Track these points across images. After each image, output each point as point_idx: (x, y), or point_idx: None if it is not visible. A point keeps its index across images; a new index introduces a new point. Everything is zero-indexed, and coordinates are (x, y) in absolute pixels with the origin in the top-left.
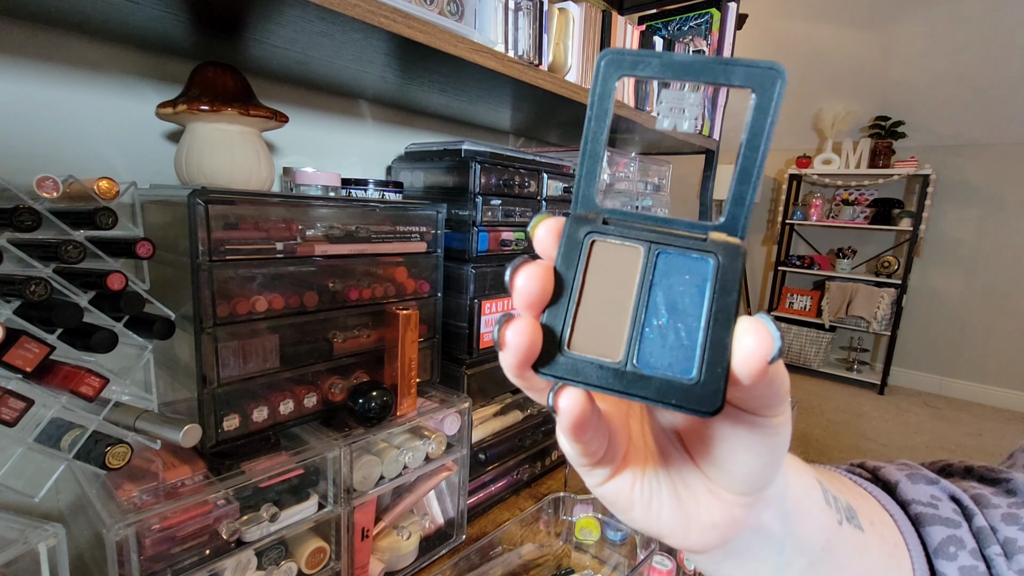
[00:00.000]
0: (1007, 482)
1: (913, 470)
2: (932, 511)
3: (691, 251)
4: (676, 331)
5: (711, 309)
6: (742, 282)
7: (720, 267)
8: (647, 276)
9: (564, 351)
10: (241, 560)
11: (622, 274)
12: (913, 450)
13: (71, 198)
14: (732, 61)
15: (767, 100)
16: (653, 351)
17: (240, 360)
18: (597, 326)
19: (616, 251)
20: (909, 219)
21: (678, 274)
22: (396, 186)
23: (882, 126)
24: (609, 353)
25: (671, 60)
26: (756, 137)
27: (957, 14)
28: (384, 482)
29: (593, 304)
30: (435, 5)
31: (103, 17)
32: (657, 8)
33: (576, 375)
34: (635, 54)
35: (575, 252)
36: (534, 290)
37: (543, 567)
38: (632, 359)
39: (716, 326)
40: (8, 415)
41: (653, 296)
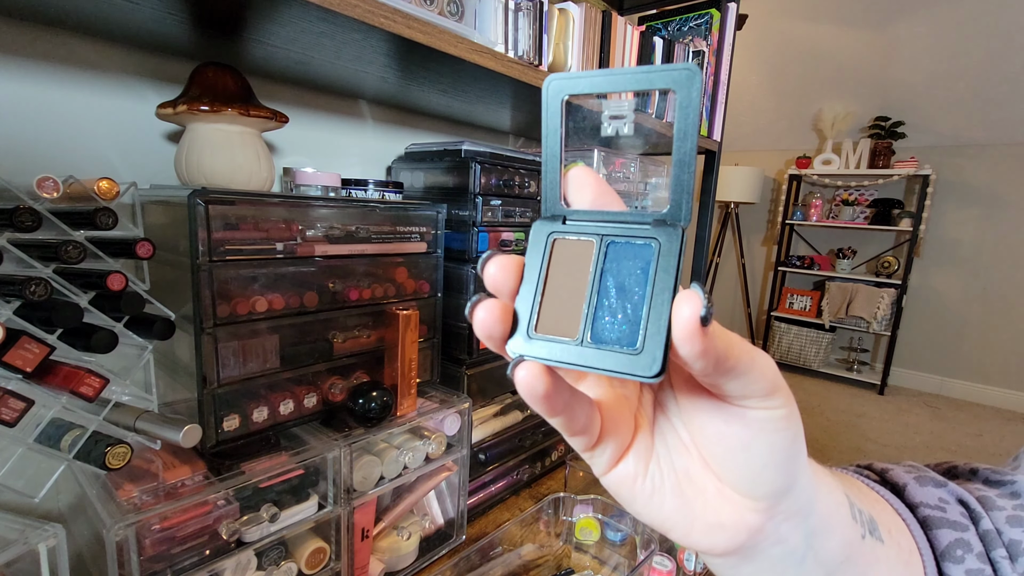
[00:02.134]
0: (1012, 484)
1: (921, 472)
2: (940, 514)
3: (636, 238)
4: (624, 309)
5: (653, 286)
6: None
7: (660, 249)
8: (599, 264)
9: (531, 334)
10: (241, 560)
11: (579, 265)
12: (913, 450)
13: (71, 198)
14: (653, 69)
15: (687, 97)
16: (604, 328)
17: (240, 360)
18: (559, 311)
19: (573, 246)
20: (909, 219)
21: (626, 260)
22: (396, 186)
23: (882, 126)
24: (568, 332)
25: (602, 78)
26: (685, 131)
27: (957, 14)
28: (384, 482)
29: (555, 293)
30: (435, 5)
31: (103, 17)
32: (657, 8)
33: (540, 351)
34: (572, 76)
35: (539, 251)
36: (500, 277)
37: (543, 567)
38: (586, 336)
39: (656, 300)
40: (8, 415)
41: (604, 281)
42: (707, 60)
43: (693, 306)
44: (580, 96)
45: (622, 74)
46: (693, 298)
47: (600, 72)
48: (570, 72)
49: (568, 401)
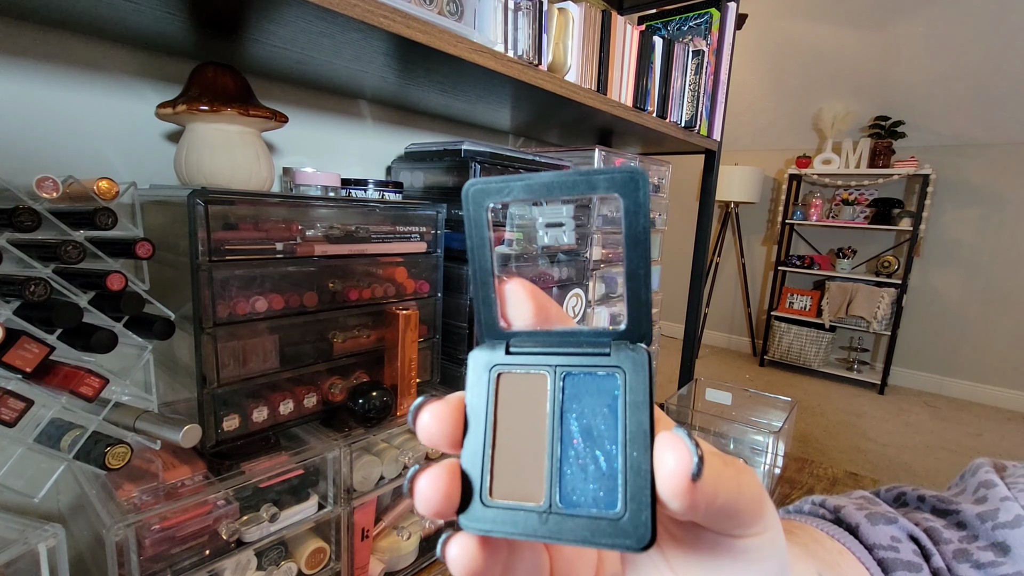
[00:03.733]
0: (956, 514)
1: (872, 508)
2: (895, 555)
3: (596, 368)
4: (595, 460)
5: (626, 430)
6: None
7: (628, 383)
8: (556, 403)
9: (485, 500)
10: (241, 560)
11: (532, 405)
12: (913, 450)
13: (71, 198)
14: (592, 172)
15: (634, 203)
16: (575, 487)
17: (240, 360)
18: (515, 467)
19: (522, 381)
20: (909, 219)
21: (587, 396)
22: (396, 186)
23: (882, 126)
24: (531, 496)
25: (533, 182)
26: (635, 237)
27: (957, 14)
28: (384, 482)
29: (508, 443)
30: (435, 5)
31: (103, 17)
32: (657, 8)
33: (500, 525)
34: (499, 181)
35: (482, 389)
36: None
37: None
38: (555, 499)
39: (632, 448)
40: (8, 415)
41: (566, 424)
42: (707, 60)
43: (681, 458)
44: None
45: (558, 179)
46: (678, 446)
47: (528, 177)
48: (488, 179)
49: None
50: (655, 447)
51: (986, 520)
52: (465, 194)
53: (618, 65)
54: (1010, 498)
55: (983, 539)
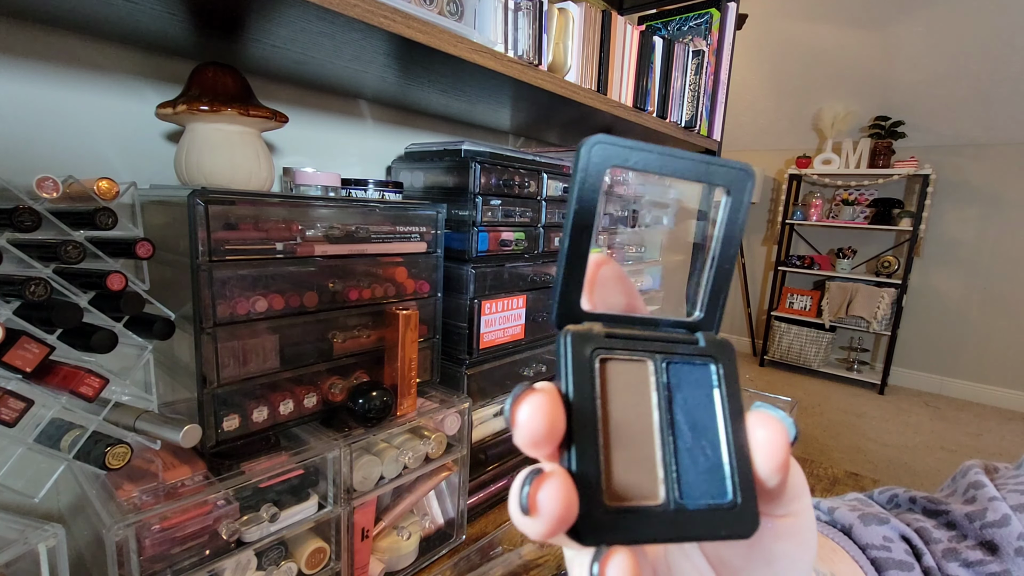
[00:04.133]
0: (946, 514)
1: (865, 509)
2: (887, 555)
3: (693, 357)
4: (703, 450)
5: (725, 419)
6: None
7: (723, 371)
8: (662, 393)
9: (604, 506)
10: (241, 560)
11: (637, 394)
12: (913, 450)
13: (71, 198)
14: (711, 160)
15: (739, 200)
16: (690, 480)
17: (240, 360)
18: (630, 464)
19: (626, 368)
20: (909, 219)
21: (688, 385)
22: (396, 186)
23: (882, 126)
24: (649, 494)
25: (657, 156)
26: (732, 236)
27: (957, 14)
28: (384, 482)
29: (620, 438)
30: (435, 5)
31: (103, 17)
32: (657, 8)
33: (624, 532)
34: (621, 143)
35: (587, 377)
36: (541, 426)
37: (543, 567)
38: (674, 495)
39: (735, 437)
40: (8, 415)
41: (675, 415)
42: (707, 60)
43: (780, 432)
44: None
45: (679, 158)
46: (773, 423)
47: (655, 148)
48: (617, 139)
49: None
50: (749, 429)
51: (975, 520)
52: (586, 151)
53: (618, 65)
54: (998, 498)
55: (972, 538)
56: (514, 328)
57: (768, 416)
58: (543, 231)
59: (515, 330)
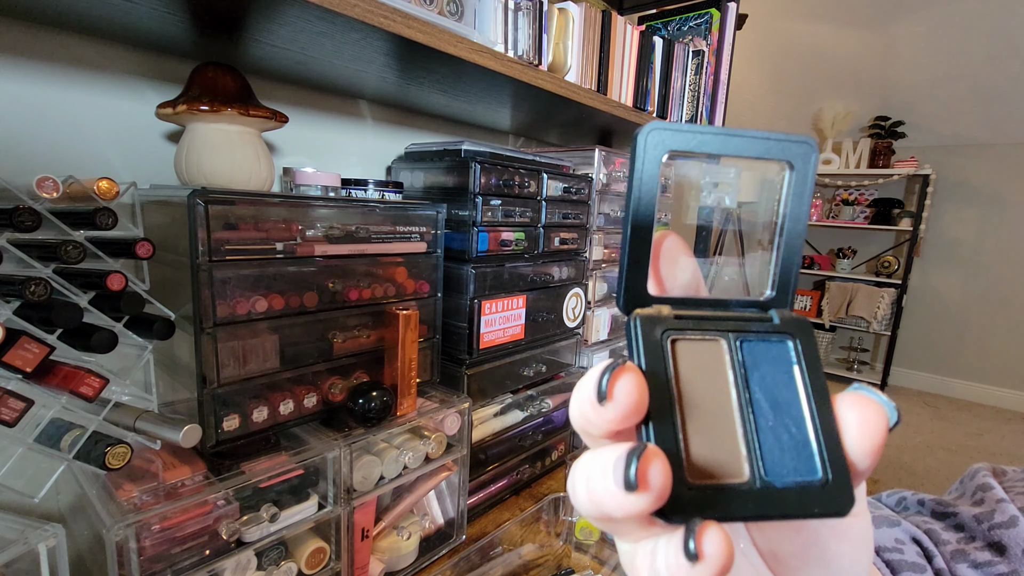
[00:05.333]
0: (955, 516)
1: (875, 512)
2: (899, 556)
3: (769, 335)
4: (787, 428)
5: (808, 395)
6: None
7: (801, 347)
8: (739, 371)
9: (688, 483)
10: (241, 560)
11: (713, 373)
12: (914, 450)
13: (71, 198)
14: (771, 136)
15: (804, 174)
16: (775, 458)
17: (240, 360)
18: (711, 442)
19: (699, 348)
20: (909, 219)
21: (765, 363)
22: (396, 186)
23: (882, 126)
24: (734, 472)
25: (712, 134)
26: (799, 213)
27: (957, 14)
28: (384, 482)
29: (698, 416)
30: (435, 5)
31: (103, 17)
32: (657, 8)
33: (710, 509)
34: (677, 128)
35: (659, 357)
36: (635, 402)
37: (543, 567)
38: (760, 473)
39: (821, 414)
40: (8, 415)
41: (753, 393)
42: (707, 60)
43: (879, 414)
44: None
45: (738, 136)
46: (872, 405)
47: (711, 130)
48: (672, 124)
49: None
50: (841, 408)
51: (983, 521)
52: (643, 136)
53: (618, 65)
54: (1006, 500)
55: (980, 540)
56: (514, 328)
57: (865, 397)
58: (543, 231)
59: (515, 330)
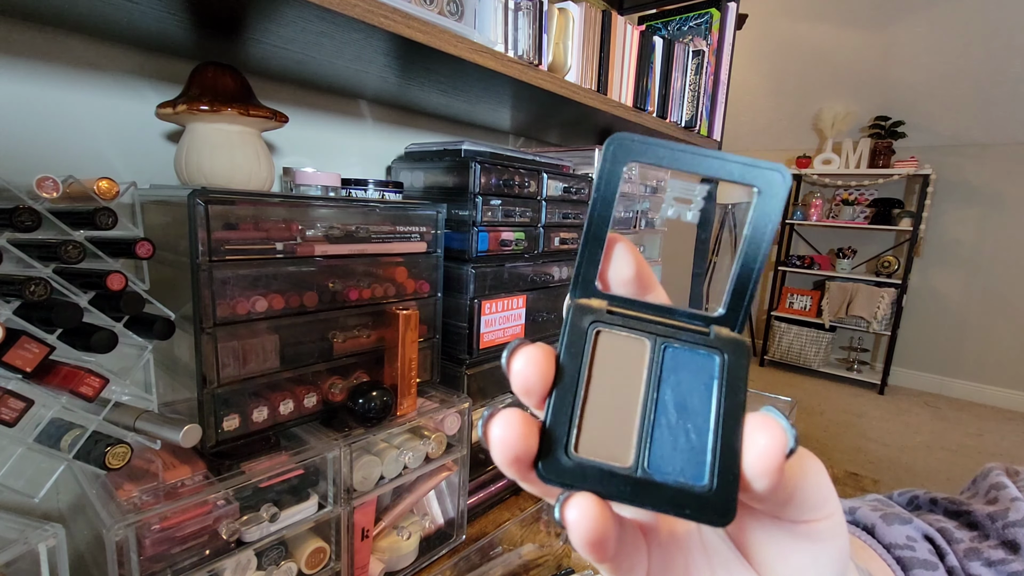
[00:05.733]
0: (968, 515)
1: (886, 509)
2: (911, 554)
3: (697, 346)
4: (686, 433)
5: (719, 410)
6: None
7: (727, 365)
8: (655, 372)
9: (570, 453)
10: (241, 560)
11: (629, 368)
12: (913, 450)
13: (71, 198)
14: (741, 160)
15: (771, 202)
16: (664, 455)
17: (240, 360)
18: (605, 426)
19: (622, 343)
20: (909, 219)
21: (685, 371)
22: (396, 186)
23: (882, 126)
24: (618, 457)
25: (677, 151)
26: (760, 237)
27: (957, 14)
28: (384, 482)
29: (600, 401)
30: (435, 5)
31: (103, 17)
32: (657, 8)
33: (583, 481)
34: (644, 141)
35: (579, 343)
36: (531, 376)
37: (543, 567)
38: (643, 463)
39: (725, 429)
40: (8, 415)
41: (662, 394)
42: (707, 60)
43: (776, 438)
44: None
45: (703, 156)
46: (773, 427)
47: (676, 146)
48: (637, 136)
49: (620, 538)
50: (746, 428)
51: (996, 519)
52: (608, 145)
53: (618, 65)
54: (1020, 499)
55: (994, 538)
56: (514, 328)
57: (769, 418)
58: (543, 231)
59: (515, 330)
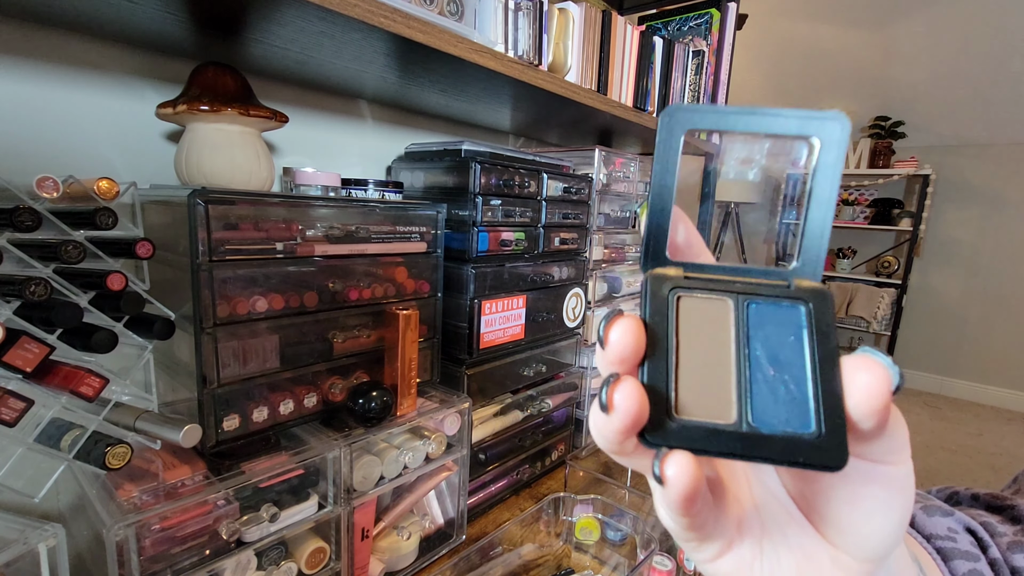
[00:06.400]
0: (1012, 508)
1: (926, 501)
2: (952, 545)
3: (780, 299)
4: (784, 384)
5: (814, 357)
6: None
7: (813, 313)
8: (742, 329)
9: (672, 416)
10: (241, 560)
11: (715, 329)
12: (913, 450)
13: (71, 198)
14: (796, 114)
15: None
16: (766, 407)
17: (240, 360)
18: (701, 386)
19: (705, 306)
20: (909, 219)
21: (772, 324)
22: (396, 186)
23: (882, 126)
24: (721, 414)
25: (733, 114)
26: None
27: (957, 14)
28: (384, 482)
29: (692, 363)
30: (435, 5)
31: (103, 17)
32: (657, 8)
33: (691, 441)
34: (699, 109)
35: (663, 310)
36: (629, 345)
37: (543, 567)
38: (747, 418)
39: (824, 375)
40: (8, 415)
41: (752, 349)
42: (707, 60)
43: (879, 376)
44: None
45: (758, 114)
46: (874, 366)
47: (732, 109)
48: (692, 105)
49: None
50: (846, 367)
51: None
52: (666, 116)
53: (618, 65)
54: None
55: None
56: (514, 328)
57: (870, 359)
58: (543, 231)
59: (515, 330)
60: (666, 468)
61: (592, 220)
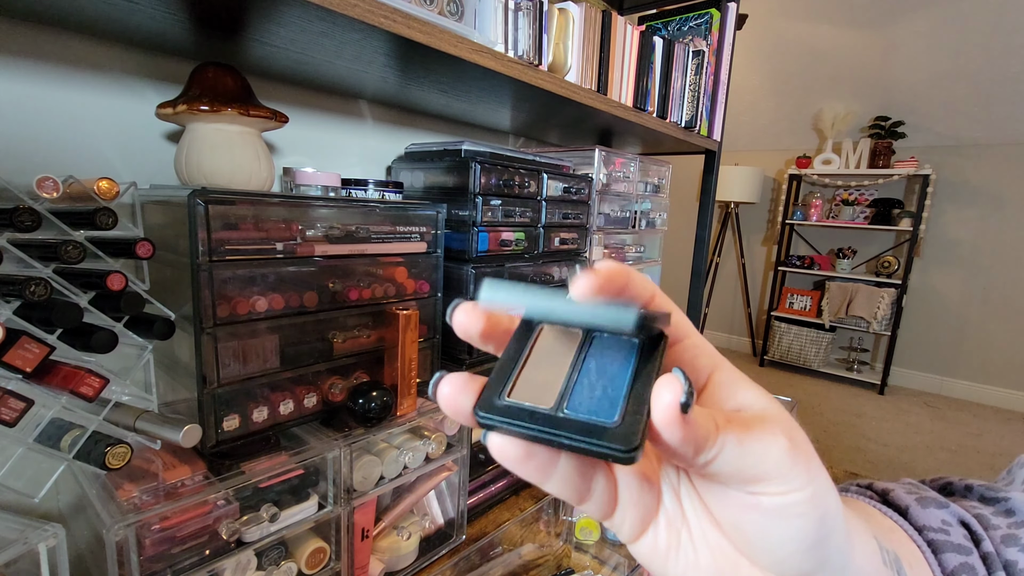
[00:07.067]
0: (1006, 501)
1: (921, 493)
2: (945, 537)
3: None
4: (603, 387)
5: (634, 373)
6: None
7: (647, 349)
8: (584, 347)
9: (503, 398)
10: (241, 560)
11: (563, 349)
12: (913, 450)
13: (71, 198)
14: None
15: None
16: (582, 400)
17: (240, 360)
18: (536, 381)
19: (561, 333)
20: (909, 219)
21: (609, 349)
22: (396, 186)
23: (882, 126)
24: (543, 401)
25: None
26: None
27: (957, 14)
28: (384, 482)
29: (536, 366)
30: (435, 5)
31: (103, 17)
32: (657, 8)
33: (508, 417)
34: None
35: (526, 334)
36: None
37: (543, 567)
38: (563, 406)
39: (637, 382)
40: (8, 415)
41: (587, 363)
42: (707, 60)
43: (673, 391)
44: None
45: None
46: (673, 383)
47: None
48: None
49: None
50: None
51: None
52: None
53: (618, 65)
54: None
55: None
56: None
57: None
58: (543, 231)
59: None
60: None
61: (592, 220)
